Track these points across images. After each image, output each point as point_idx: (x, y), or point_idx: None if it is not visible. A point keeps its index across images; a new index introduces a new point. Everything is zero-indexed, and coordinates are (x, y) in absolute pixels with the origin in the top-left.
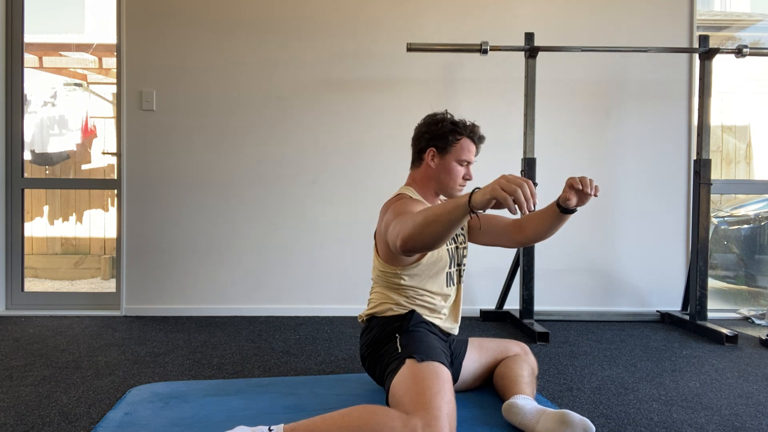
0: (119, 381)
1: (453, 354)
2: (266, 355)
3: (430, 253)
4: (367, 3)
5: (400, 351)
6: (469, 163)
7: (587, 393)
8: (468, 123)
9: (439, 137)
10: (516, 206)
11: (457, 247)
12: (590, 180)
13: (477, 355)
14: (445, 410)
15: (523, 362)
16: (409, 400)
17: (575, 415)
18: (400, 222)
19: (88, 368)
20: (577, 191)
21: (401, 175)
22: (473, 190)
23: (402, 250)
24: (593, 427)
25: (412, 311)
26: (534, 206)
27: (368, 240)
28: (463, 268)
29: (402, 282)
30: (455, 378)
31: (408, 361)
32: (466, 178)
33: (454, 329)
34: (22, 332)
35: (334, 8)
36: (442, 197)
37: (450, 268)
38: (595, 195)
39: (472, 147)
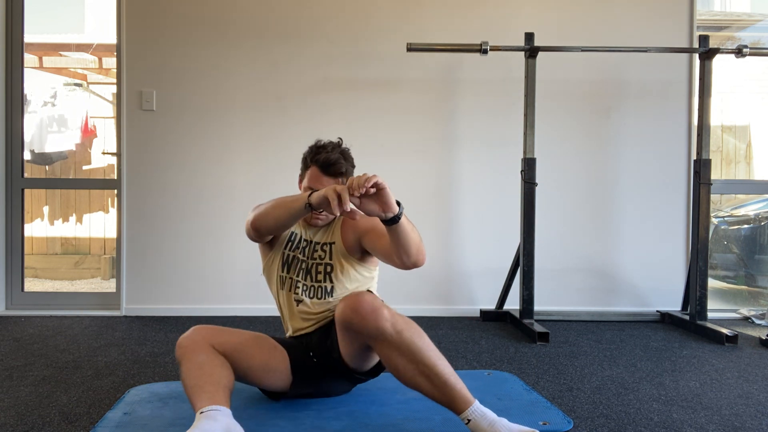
0: (119, 381)
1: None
2: None
3: (272, 254)
4: (367, 3)
5: None
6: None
7: (587, 393)
8: (319, 147)
9: (301, 164)
10: (335, 207)
11: (295, 257)
12: (353, 184)
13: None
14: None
15: (398, 359)
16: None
17: None
18: (257, 207)
19: (88, 368)
20: (362, 198)
21: (401, 174)
22: (313, 191)
23: (252, 227)
24: None
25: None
26: (346, 209)
27: None
28: (306, 284)
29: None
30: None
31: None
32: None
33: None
34: (22, 332)
35: (334, 8)
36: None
37: (282, 272)
38: (368, 189)
39: (320, 176)
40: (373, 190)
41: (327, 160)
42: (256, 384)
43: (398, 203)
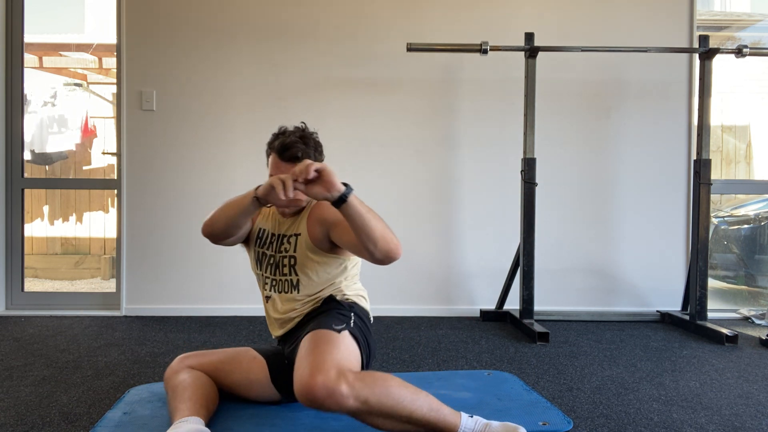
0: (119, 381)
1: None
2: None
3: (250, 253)
4: (367, 3)
5: None
6: None
7: (587, 393)
8: (279, 134)
9: (266, 155)
10: (282, 193)
11: (264, 253)
12: (296, 171)
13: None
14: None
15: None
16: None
17: None
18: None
19: (88, 368)
20: (306, 183)
21: (401, 174)
22: (259, 186)
23: (203, 234)
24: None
25: None
26: (290, 194)
27: None
28: (275, 279)
29: None
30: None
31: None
32: None
33: (275, 331)
34: (22, 332)
35: (334, 8)
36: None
37: (257, 269)
38: (309, 176)
39: (279, 163)
40: (315, 174)
41: (282, 144)
42: (246, 398)
43: (346, 185)
